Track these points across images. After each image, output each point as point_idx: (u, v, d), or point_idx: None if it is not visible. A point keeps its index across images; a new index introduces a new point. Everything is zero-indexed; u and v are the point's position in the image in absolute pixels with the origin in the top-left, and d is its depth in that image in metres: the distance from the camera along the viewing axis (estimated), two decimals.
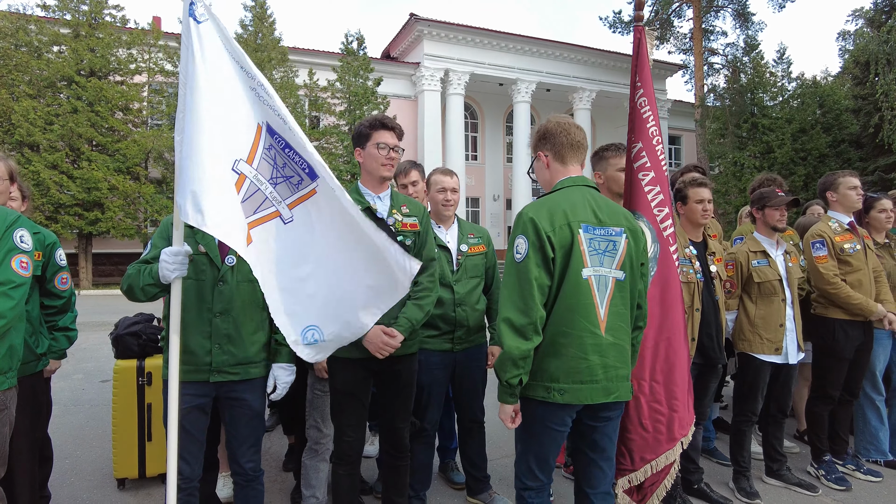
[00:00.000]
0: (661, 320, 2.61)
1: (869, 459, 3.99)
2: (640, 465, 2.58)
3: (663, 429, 2.57)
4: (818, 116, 23.48)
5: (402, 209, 2.64)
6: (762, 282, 3.42)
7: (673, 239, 2.67)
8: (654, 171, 2.70)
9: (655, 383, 2.59)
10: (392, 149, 2.54)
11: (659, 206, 2.67)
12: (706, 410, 3.44)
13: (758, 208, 3.55)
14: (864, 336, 3.65)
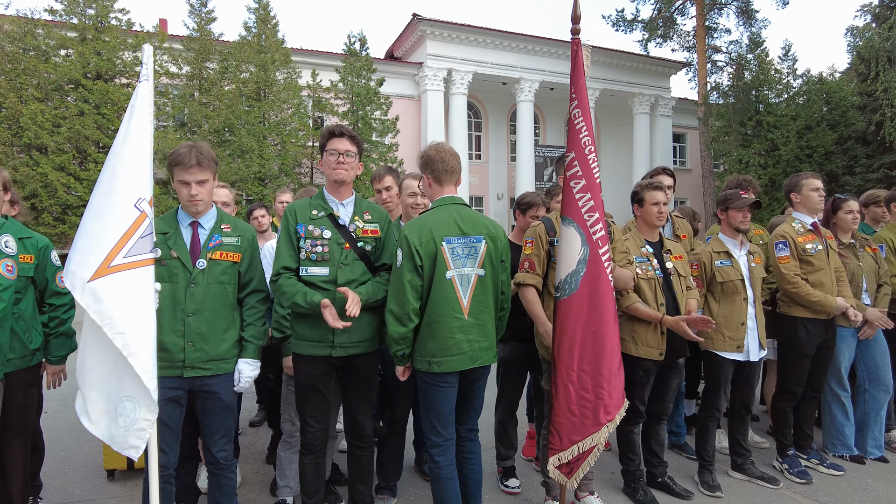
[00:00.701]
0: (588, 316, 2.81)
1: (835, 454, 4.09)
2: (568, 446, 2.83)
3: (589, 413, 2.81)
4: (824, 113, 23.38)
5: (364, 216, 2.79)
6: (725, 281, 3.54)
7: (603, 242, 2.82)
8: (585, 179, 2.85)
9: (583, 373, 2.81)
10: (342, 154, 2.69)
11: (589, 212, 2.83)
12: (668, 406, 3.56)
13: (722, 209, 3.67)
14: (825, 334, 3.75)
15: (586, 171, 2.85)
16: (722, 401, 3.62)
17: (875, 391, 4.06)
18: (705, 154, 23.70)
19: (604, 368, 2.80)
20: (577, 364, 2.82)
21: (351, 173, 2.74)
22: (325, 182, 2.83)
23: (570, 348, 2.82)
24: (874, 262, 4.08)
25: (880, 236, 4.37)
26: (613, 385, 2.81)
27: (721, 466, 3.83)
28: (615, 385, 2.82)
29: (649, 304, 3.30)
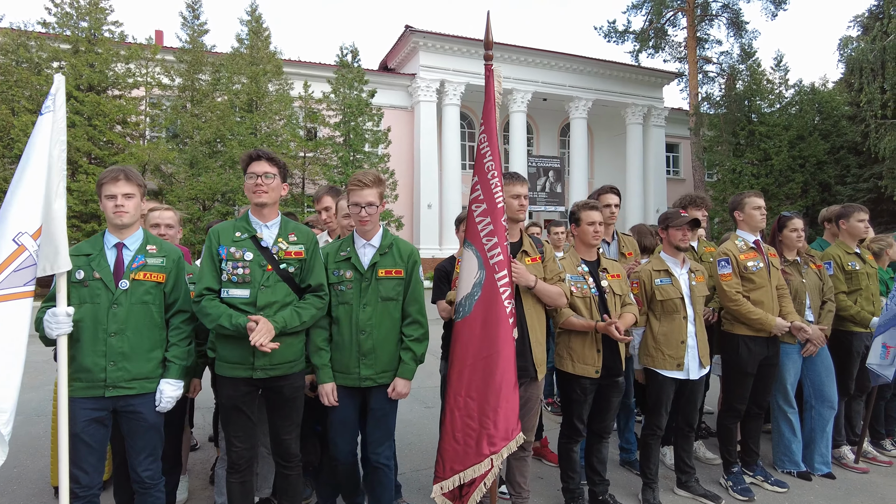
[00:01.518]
0: (480, 340, 2.78)
1: (783, 470, 4.10)
2: (449, 475, 2.76)
3: (472, 443, 2.74)
4: (817, 123, 23.48)
5: (289, 237, 2.82)
6: (664, 300, 3.56)
7: (500, 266, 2.80)
8: (486, 204, 2.87)
9: (470, 399, 2.77)
10: (261, 176, 2.73)
11: (488, 236, 2.84)
12: (610, 424, 3.57)
13: (662, 228, 3.70)
14: (767, 351, 3.77)
15: (488, 196, 2.88)
16: (663, 419, 3.63)
17: (820, 407, 4.08)
18: (697, 164, 23.80)
19: (491, 397, 2.73)
20: (465, 390, 2.78)
21: (272, 195, 2.78)
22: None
23: (461, 372, 2.80)
24: (818, 280, 4.11)
25: (828, 253, 4.40)
26: (501, 416, 2.72)
27: (669, 484, 3.85)
28: (504, 416, 2.73)
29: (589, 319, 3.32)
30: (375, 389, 2.95)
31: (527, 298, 3.11)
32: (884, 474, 4.14)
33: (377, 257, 2.97)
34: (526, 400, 3.17)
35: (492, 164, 2.91)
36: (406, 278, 3.01)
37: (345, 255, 2.96)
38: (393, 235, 3.12)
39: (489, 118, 2.95)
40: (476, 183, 2.95)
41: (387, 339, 2.93)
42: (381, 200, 3.01)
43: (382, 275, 2.95)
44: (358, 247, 2.99)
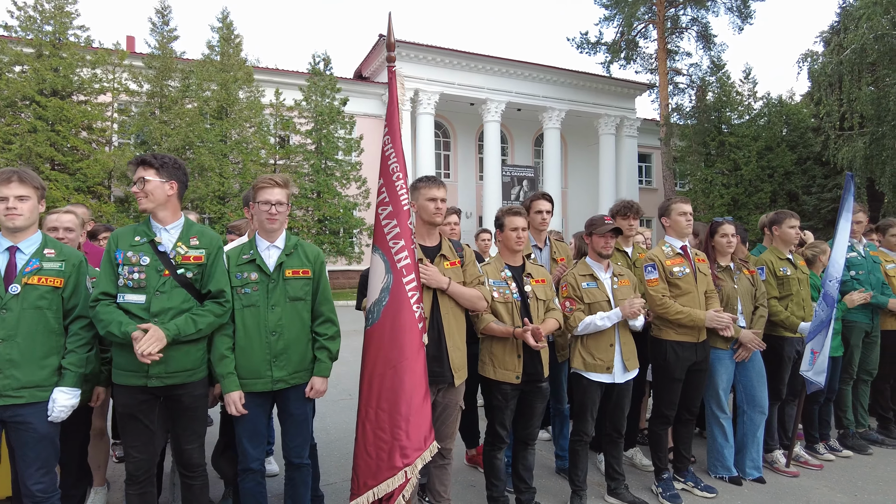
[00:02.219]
0: (389, 348, 2.72)
1: (716, 476, 4.09)
2: (363, 491, 2.67)
3: (385, 456, 2.66)
4: (784, 135, 23.97)
5: (190, 241, 2.74)
6: (592, 302, 3.55)
7: (408, 270, 2.76)
8: (392, 206, 2.83)
9: (381, 410, 2.70)
10: (140, 182, 2.66)
11: (395, 239, 2.79)
12: (534, 431, 3.52)
13: (587, 234, 3.69)
14: (696, 356, 3.77)
15: (394, 198, 2.84)
16: (590, 424, 3.61)
17: (752, 412, 4.09)
18: (668, 174, 24.09)
19: (402, 406, 2.66)
20: (376, 401, 2.71)
21: (153, 198, 2.68)
22: None
23: (370, 382, 2.74)
24: (750, 285, 4.13)
25: (761, 259, 4.43)
26: (413, 425, 2.66)
27: (603, 491, 3.82)
28: (416, 425, 2.66)
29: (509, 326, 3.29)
30: (291, 392, 2.90)
31: (444, 302, 3.06)
32: (813, 477, 4.16)
33: (283, 258, 2.93)
34: (444, 407, 3.11)
35: (396, 165, 2.87)
36: (314, 278, 3.00)
37: (248, 258, 2.90)
38: (296, 238, 3.07)
39: (392, 120, 2.92)
40: (381, 186, 2.91)
41: (298, 339, 2.90)
42: (288, 204, 2.98)
43: (290, 275, 2.92)
44: (261, 248, 2.94)
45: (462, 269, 3.19)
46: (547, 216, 4.11)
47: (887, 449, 4.79)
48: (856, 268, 4.89)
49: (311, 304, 2.99)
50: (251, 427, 2.86)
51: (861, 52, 14.60)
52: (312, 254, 3.04)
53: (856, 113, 15.27)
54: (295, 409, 2.94)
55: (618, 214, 4.20)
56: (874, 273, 4.92)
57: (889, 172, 14.59)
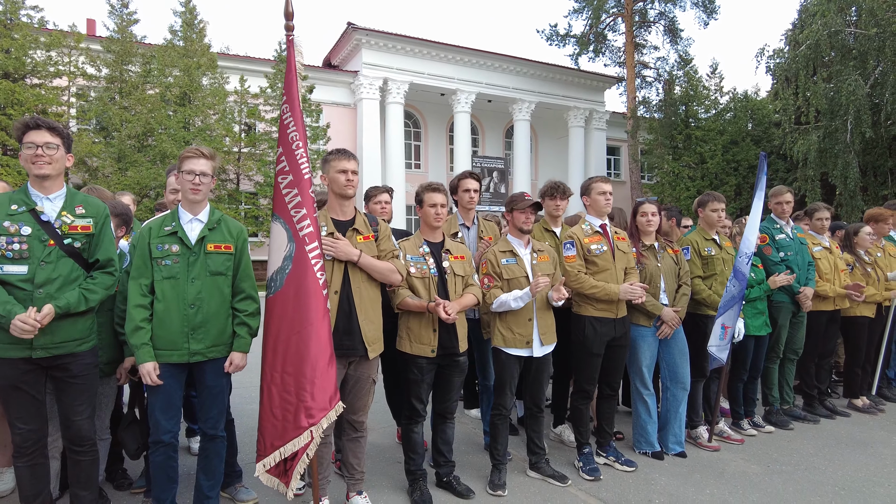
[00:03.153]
0: (293, 314, 2.75)
1: (639, 451, 4.18)
2: (269, 451, 2.75)
3: (291, 417, 2.73)
4: (749, 130, 24.44)
5: (76, 210, 2.69)
6: (511, 278, 3.57)
7: (311, 238, 2.77)
8: (292, 175, 2.84)
9: (286, 374, 2.75)
10: (41, 146, 2.59)
11: (296, 208, 2.81)
12: (452, 404, 3.55)
13: (507, 211, 3.71)
14: (615, 332, 3.83)
15: (294, 166, 2.84)
16: (508, 398, 3.64)
17: (674, 388, 4.18)
18: (633, 166, 24.39)
19: (307, 369, 2.71)
20: (281, 365, 2.76)
21: (56, 166, 2.64)
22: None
23: (275, 348, 2.78)
24: (674, 264, 4.21)
25: (687, 239, 4.52)
26: (318, 387, 2.72)
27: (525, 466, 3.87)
28: (321, 387, 2.72)
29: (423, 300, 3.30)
30: (208, 365, 2.90)
31: (355, 275, 3.05)
32: (733, 451, 4.27)
33: (205, 231, 2.93)
34: (356, 380, 3.12)
35: (295, 134, 2.86)
36: (236, 254, 3.01)
37: (170, 230, 2.87)
38: (220, 213, 3.04)
39: (291, 88, 2.89)
40: (281, 154, 2.90)
41: (217, 313, 2.90)
42: (214, 176, 2.96)
43: (211, 249, 2.92)
44: (184, 221, 2.92)
45: (376, 243, 3.19)
46: (475, 195, 4.13)
47: (808, 424, 4.94)
48: (785, 249, 5.01)
49: (231, 279, 2.99)
50: (165, 398, 2.84)
51: (816, 48, 14.96)
52: (235, 230, 3.05)
53: (811, 107, 15.65)
54: (211, 381, 2.93)
55: (545, 195, 4.24)
56: (801, 254, 5.04)
57: (840, 165, 15.00)
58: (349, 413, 3.15)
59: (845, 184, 15.08)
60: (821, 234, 5.36)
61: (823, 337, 5.26)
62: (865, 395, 5.54)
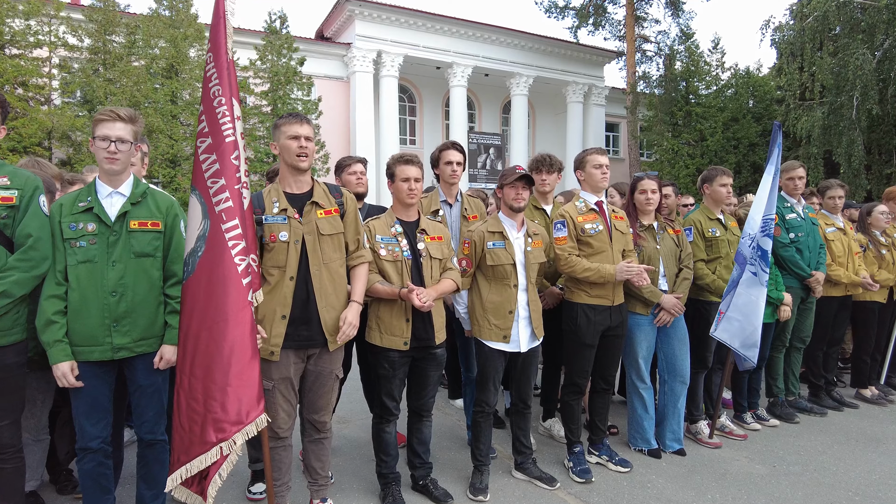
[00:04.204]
0: (204, 307, 2.33)
1: (635, 448, 3.87)
2: (177, 466, 2.33)
3: (197, 429, 2.30)
4: (751, 107, 23.90)
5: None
6: (495, 265, 3.21)
7: (229, 215, 2.36)
8: (211, 138, 2.41)
9: (194, 378, 2.32)
10: None
11: (214, 177, 2.38)
12: (429, 401, 3.22)
13: (498, 187, 3.33)
14: (610, 321, 3.48)
15: (213, 126, 2.41)
16: (491, 394, 3.30)
17: (672, 382, 3.84)
18: (632, 143, 23.90)
19: (217, 374, 2.28)
20: (189, 366, 2.33)
21: None
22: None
23: (184, 346, 2.36)
24: (675, 246, 3.84)
25: (690, 219, 4.14)
26: (231, 396, 2.28)
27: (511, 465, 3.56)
28: (234, 396, 2.29)
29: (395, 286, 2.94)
30: (137, 361, 2.55)
31: (314, 256, 2.68)
32: (736, 448, 3.96)
33: (127, 206, 2.54)
34: (315, 375, 2.77)
35: (218, 88, 2.43)
36: (166, 232, 2.64)
37: (84, 206, 2.49)
38: (146, 184, 2.65)
39: (217, 34, 2.46)
40: (202, 113, 2.48)
41: (145, 301, 2.54)
42: (135, 142, 2.56)
43: (135, 227, 2.54)
44: (102, 196, 2.53)
45: (343, 219, 2.81)
46: (458, 168, 3.75)
47: (815, 417, 4.64)
48: (795, 230, 4.64)
49: (161, 261, 2.63)
50: (89, 401, 2.49)
51: (823, 20, 14.37)
52: (165, 203, 2.68)
53: (816, 82, 15.10)
54: (143, 379, 2.59)
55: (531, 169, 3.85)
56: (813, 236, 4.69)
57: (845, 143, 14.51)
58: (310, 412, 2.82)
59: (849, 162, 14.61)
60: (834, 214, 4.99)
61: (833, 324, 4.93)
62: (874, 384, 5.23)
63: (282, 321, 2.60)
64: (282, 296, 2.60)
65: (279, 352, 2.60)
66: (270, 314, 2.60)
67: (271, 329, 2.59)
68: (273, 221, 2.64)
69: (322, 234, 2.69)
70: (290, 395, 2.70)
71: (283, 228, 2.63)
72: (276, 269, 2.62)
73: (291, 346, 2.62)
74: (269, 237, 2.62)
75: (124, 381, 2.61)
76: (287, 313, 2.60)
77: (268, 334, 2.58)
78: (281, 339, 2.59)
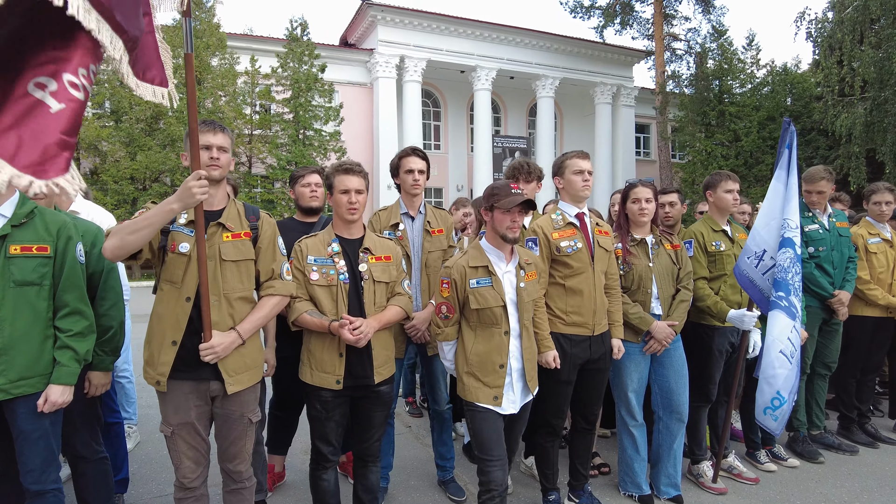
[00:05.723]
0: None
1: (625, 493, 3.39)
2: None
3: None
4: (788, 105, 22.81)
5: None
6: (481, 308, 2.60)
7: None
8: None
9: None
10: None
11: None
12: (374, 445, 2.78)
13: (486, 208, 2.70)
14: (590, 353, 3.01)
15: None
16: (497, 472, 2.54)
17: (668, 419, 3.35)
18: (662, 144, 23.05)
19: None
20: None
21: None
22: None
23: None
24: (671, 263, 3.35)
25: (690, 230, 3.65)
26: None
27: None
28: None
29: (327, 317, 2.56)
30: (17, 403, 2.26)
31: (213, 284, 2.31)
32: (745, 494, 3.44)
33: (7, 229, 2.26)
34: (223, 419, 2.38)
35: None
36: (56, 257, 2.35)
37: None
38: (34, 203, 2.34)
39: None
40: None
41: (27, 336, 2.26)
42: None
43: (16, 252, 2.25)
44: None
45: (255, 247, 2.45)
46: (420, 176, 3.34)
47: (843, 455, 4.05)
48: (816, 243, 4.10)
49: (50, 290, 2.33)
50: None
51: (864, 10, 13.47)
52: (55, 224, 2.39)
53: (857, 77, 14.17)
54: (25, 424, 2.28)
55: (509, 177, 3.42)
56: (839, 249, 4.13)
57: (890, 141, 13.54)
58: (222, 460, 2.47)
59: (895, 161, 13.64)
60: (880, 223, 4.37)
61: (869, 348, 4.33)
62: None
63: (171, 347, 2.26)
64: (174, 318, 2.27)
65: (166, 382, 2.26)
66: (160, 336, 2.28)
67: (160, 355, 2.26)
68: (178, 230, 2.31)
69: (224, 260, 2.34)
70: (195, 442, 2.35)
71: (185, 240, 2.29)
72: (168, 284, 2.29)
73: (186, 379, 2.27)
74: (171, 246, 2.29)
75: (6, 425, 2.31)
76: (179, 339, 2.26)
77: (155, 361, 2.28)
78: (168, 367, 2.25)
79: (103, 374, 2.67)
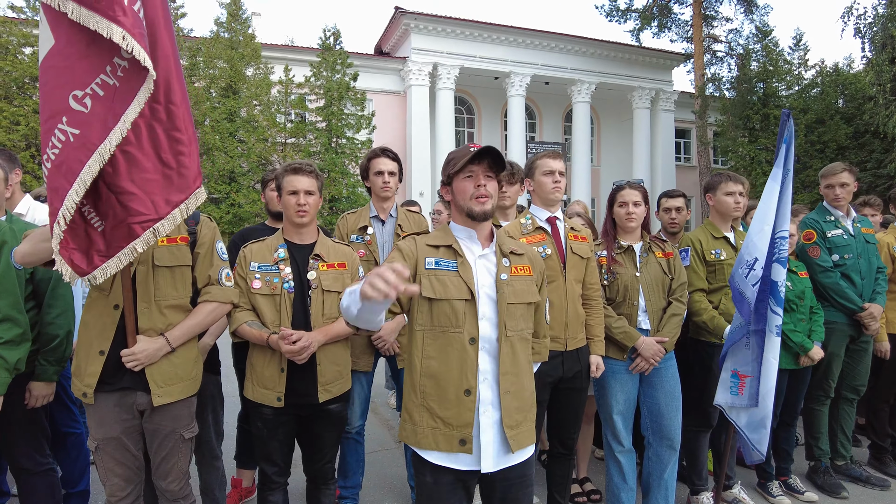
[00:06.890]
0: None
1: None
2: None
3: None
4: (840, 106, 21.68)
5: None
6: (438, 298, 1.92)
7: None
8: None
9: None
10: None
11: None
12: (327, 466, 2.62)
13: (444, 183, 2.13)
14: (563, 371, 2.75)
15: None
16: None
17: (658, 446, 3.03)
18: (701, 149, 22.24)
19: None
20: None
21: None
22: None
23: None
24: (662, 273, 3.05)
25: (687, 238, 3.34)
26: None
27: None
28: None
29: (268, 329, 2.40)
30: None
31: (144, 290, 2.18)
32: None
33: None
34: (152, 434, 2.24)
35: None
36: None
37: None
38: None
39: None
40: None
41: None
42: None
43: None
44: None
45: (193, 252, 2.31)
46: (390, 178, 3.16)
47: (872, 490, 3.63)
48: (840, 250, 3.72)
49: None
50: None
51: None
52: None
53: None
54: None
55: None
56: (866, 257, 3.73)
57: None
58: (156, 478, 2.32)
59: None
60: None
61: None
62: None
63: (98, 357, 2.13)
64: (101, 326, 2.15)
65: (93, 394, 2.13)
66: (87, 346, 2.16)
67: (86, 365, 2.14)
68: None
69: (157, 266, 2.20)
70: (123, 458, 2.21)
71: None
72: (97, 292, 2.17)
73: (112, 391, 2.14)
74: None
75: None
76: (106, 349, 2.13)
77: (82, 371, 2.15)
78: (95, 378, 2.13)
79: (45, 385, 2.58)
